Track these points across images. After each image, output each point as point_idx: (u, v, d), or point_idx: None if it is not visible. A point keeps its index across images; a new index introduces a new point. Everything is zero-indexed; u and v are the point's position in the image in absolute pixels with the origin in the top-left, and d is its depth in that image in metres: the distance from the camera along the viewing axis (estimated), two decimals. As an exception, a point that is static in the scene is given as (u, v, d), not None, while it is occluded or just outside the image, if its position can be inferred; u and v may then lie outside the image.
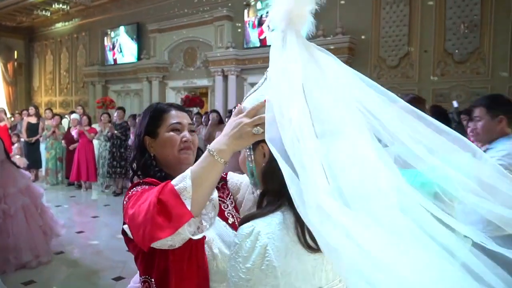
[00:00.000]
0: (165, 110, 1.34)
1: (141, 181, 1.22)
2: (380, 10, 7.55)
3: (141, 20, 11.60)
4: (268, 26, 0.99)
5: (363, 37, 7.67)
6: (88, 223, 5.92)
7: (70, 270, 4.17)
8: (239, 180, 1.41)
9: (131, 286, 1.71)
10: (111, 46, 12.43)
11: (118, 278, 3.91)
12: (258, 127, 0.94)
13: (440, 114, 3.78)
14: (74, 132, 7.91)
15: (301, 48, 0.96)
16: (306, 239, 0.87)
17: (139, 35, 11.67)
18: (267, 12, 8.82)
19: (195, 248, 1.15)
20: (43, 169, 8.93)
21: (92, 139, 7.89)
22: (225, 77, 9.75)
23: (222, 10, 9.63)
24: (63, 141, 8.46)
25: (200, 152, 1.33)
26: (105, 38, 12.55)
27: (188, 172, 0.99)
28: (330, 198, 0.82)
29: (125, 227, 1.12)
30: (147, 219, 0.96)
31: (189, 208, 0.95)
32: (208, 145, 0.99)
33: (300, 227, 0.87)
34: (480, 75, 6.66)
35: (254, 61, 9.24)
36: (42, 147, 8.86)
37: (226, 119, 6.01)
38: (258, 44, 9.20)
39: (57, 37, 14.51)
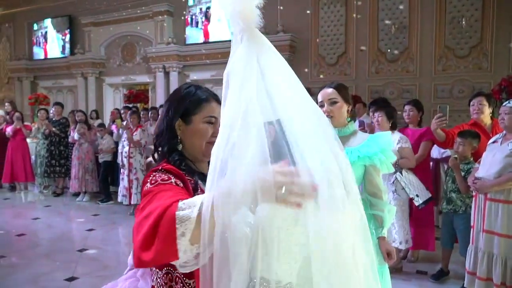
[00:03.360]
0: (206, 99, 1.31)
1: (160, 167, 1.19)
2: (318, 10, 7.90)
3: (72, 13, 11.02)
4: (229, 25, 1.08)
5: (303, 34, 7.94)
6: (29, 225, 5.55)
7: (14, 275, 3.87)
8: None
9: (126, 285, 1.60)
10: (40, 40, 11.67)
11: (71, 279, 3.76)
12: None
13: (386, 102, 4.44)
14: (9, 129, 7.32)
15: (253, 50, 1.04)
16: None
17: (72, 29, 11.08)
18: (208, 8, 8.95)
19: None
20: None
21: (28, 136, 7.39)
22: (167, 74, 9.60)
23: (162, 5, 9.47)
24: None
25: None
26: (33, 30, 11.76)
27: (199, 200, 0.91)
28: None
29: None
30: (141, 242, 0.91)
31: (178, 247, 0.88)
32: None
33: None
34: (409, 73, 7.24)
35: (197, 58, 9.21)
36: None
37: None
38: (200, 41, 9.19)
39: (-25, 28, 13.30)
